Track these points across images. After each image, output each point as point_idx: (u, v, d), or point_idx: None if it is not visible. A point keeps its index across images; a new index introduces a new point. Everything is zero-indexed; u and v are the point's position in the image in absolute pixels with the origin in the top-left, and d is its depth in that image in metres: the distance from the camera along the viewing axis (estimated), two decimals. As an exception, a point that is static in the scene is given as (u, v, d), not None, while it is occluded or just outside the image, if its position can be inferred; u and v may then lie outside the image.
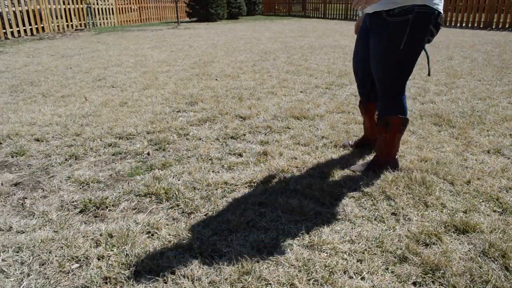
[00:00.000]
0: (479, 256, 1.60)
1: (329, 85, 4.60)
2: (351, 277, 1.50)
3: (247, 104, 3.81)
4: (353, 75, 5.07)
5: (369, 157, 2.55)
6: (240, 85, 4.63)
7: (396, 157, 2.35)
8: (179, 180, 2.30)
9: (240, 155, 2.66)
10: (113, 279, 1.50)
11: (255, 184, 2.24)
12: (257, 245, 1.69)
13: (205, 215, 1.94)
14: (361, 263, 1.58)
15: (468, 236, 1.74)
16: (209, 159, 2.59)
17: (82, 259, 1.62)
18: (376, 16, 2.05)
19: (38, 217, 1.93)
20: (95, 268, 1.56)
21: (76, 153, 2.71)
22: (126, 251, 1.65)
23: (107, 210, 2.01)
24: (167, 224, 1.86)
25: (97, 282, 1.49)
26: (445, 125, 3.15)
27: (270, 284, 1.47)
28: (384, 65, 2.09)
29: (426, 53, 2.20)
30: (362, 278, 1.50)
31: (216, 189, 2.18)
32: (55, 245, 1.71)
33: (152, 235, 1.78)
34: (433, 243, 1.69)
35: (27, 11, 10.76)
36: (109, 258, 1.62)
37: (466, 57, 6.49)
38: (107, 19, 14.59)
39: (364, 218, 1.89)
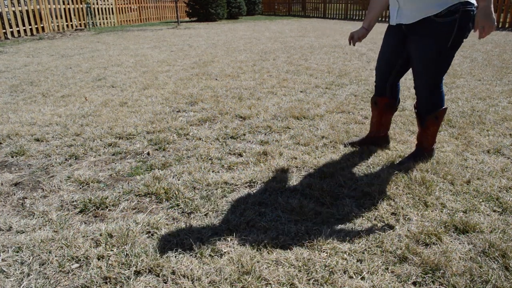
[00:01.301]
0: (479, 256, 1.60)
1: (329, 85, 4.60)
2: (351, 277, 1.50)
3: (247, 104, 3.81)
4: (355, 75, 5.09)
5: (368, 157, 2.55)
6: (240, 85, 4.63)
7: (433, 146, 2.52)
8: (179, 180, 2.30)
9: (240, 155, 2.66)
10: (113, 279, 1.50)
11: (255, 184, 2.24)
12: (257, 245, 1.69)
13: (205, 215, 1.94)
14: (361, 263, 1.58)
15: (468, 236, 1.74)
16: (209, 159, 2.59)
17: (82, 259, 1.62)
18: (422, 21, 2.12)
19: (38, 217, 1.93)
20: (95, 268, 1.56)
21: (76, 153, 2.71)
22: (126, 251, 1.65)
23: (107, 210, 2.01)
24: (167, 224, 1.86)
25: (97, 282, 1.49)
26: (445, 125, 3.15)
27: (270, 284, 1.47)
28: (435, 63, 2.18)
29: None
30: (362, 278, 1.50)
31: (216, 189, 2.18)
32: (55, 245, 1.71)
33: (152, 235, 1.78)
34: (433, 243, 1.69)
35: (27, 11, 10.76)
36: (109, 258, 1.62)
37: (466, 57, 6.49)
38: (107, 19, 14.59)
39: (364, 218, 1.89)
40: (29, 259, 1.63)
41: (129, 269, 1.55)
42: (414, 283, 1.47)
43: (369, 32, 2.45)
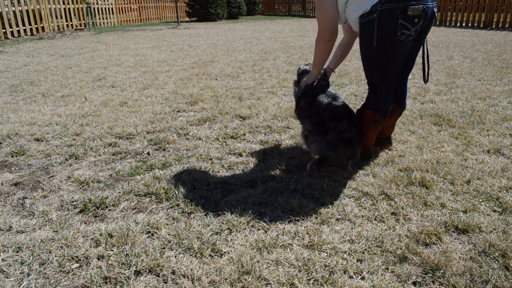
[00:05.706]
0: (479, 255, 1.60)
1: (329, 85, 4.59)
2: (351, 277, 1.50)
3: (247, 104, 3.81)
4: (355, 75, 5.10)
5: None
6: (240, 85, 4.63)
7: (370, 147, 2.51)
8: (179, 180, 2.30)
9: (240, 155, 2.66)
10: (113, 279, 1.50)
11: (255, 184, 2.24)
12: (257, 245, 1.69)
13: (205, 215, 1.94)
14: (361, 263, 1.58)
15: (468, 235, 1.74)
16: (209, 159, 2.59)
17: (82, 259, 1.62)
18: (358, 25, 2.26)
19: (38, 217, 1.93)
20: (95, 268, 1.56)
21: (76, 153, 2.71)
22: (126, 251, 1.65)
23: (107, 210, 2.01)
24: (167, 224, 1.86)
25: (97, 282, 1.49)
26: (445, 125, 3.15)
27: (270, 284, 1.47)
28: (364, 60, 2.31)
29: (423, 58, 2.42)
30: (362, 278, 1.50)
31: (216, 189, 2.18)
32: (55, 245, 1.71)
33: (152, 235, 1.78)
34: (433, 243, 1.69)
35: (27, 11, 10.76)
36: (109, 258, 1.62)
37: (466, 56, 6.48)
38: (107, 18, 14.59)
39: (364, 218, 1.89)
40: (29, 259, 1.63)
41: (129, 269, 1.55)
42: (414, 283, 1.47)
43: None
